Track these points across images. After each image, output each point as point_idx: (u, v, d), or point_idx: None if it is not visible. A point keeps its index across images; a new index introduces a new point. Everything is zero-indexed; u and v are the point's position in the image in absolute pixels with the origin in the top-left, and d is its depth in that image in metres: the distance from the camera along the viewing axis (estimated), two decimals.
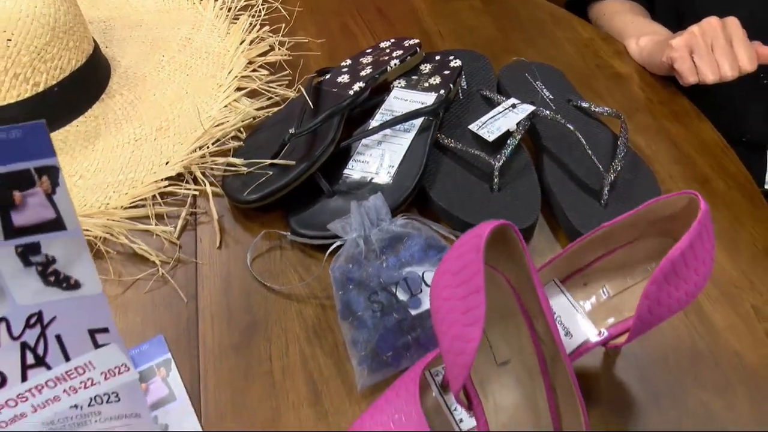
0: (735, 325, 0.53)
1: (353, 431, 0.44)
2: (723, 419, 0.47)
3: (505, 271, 0.42)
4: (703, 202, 0.40)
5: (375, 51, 0.72)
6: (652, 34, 0.75)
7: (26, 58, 0.64)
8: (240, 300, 0.55)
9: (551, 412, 0.41)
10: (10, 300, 0.38)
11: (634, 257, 0.46)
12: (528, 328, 0.42)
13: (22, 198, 0.35)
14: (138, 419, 0.43)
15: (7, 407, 0.40)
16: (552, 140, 0.64)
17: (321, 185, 0.60)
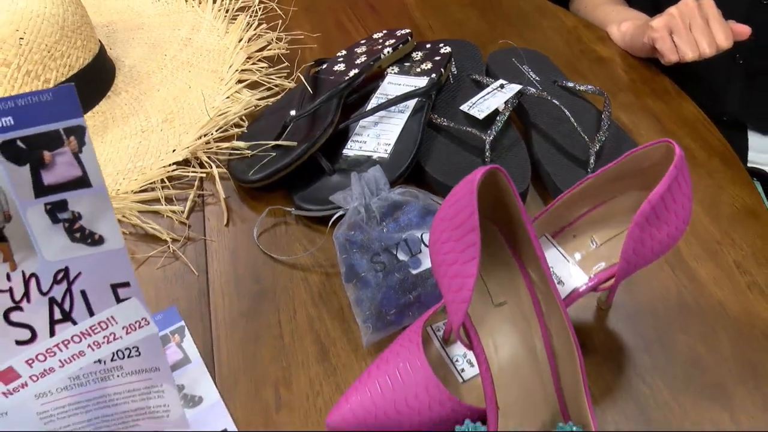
0: (718, 278, 0.56)
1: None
2: (707, 361, 0.50)
3: (498, 222, 0.45)
4: (678, 147, 0.43)
5: (368, 41, 0.76)
6: (632, 19, 0.79)
7: (37, 56, 0.67)
8: (248, 271, 0.57)
9: (547, 352, 0.44)
10: (39, 256, 0.40)
11: (619, 209, 0.49)
12: (522, 274, 0.45)
13: (52, 157, 0.38)
14: (157, 373, 0.45)
15: (37, 361, 0.43)
16: (539, 117, 0.67)
17: (322, 164, 0.63)
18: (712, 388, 0.49)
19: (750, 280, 0.56)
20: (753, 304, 0.54)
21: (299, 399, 0.49)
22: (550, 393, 0.43)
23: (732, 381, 0.49)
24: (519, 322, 0.44)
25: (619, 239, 0.49)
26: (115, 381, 0.45)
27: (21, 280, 0.41)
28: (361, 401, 0.45)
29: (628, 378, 0.50)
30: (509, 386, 0.43)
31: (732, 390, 0.49)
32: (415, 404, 0.44)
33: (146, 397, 0.46)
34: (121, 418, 0.46)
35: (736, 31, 0.70)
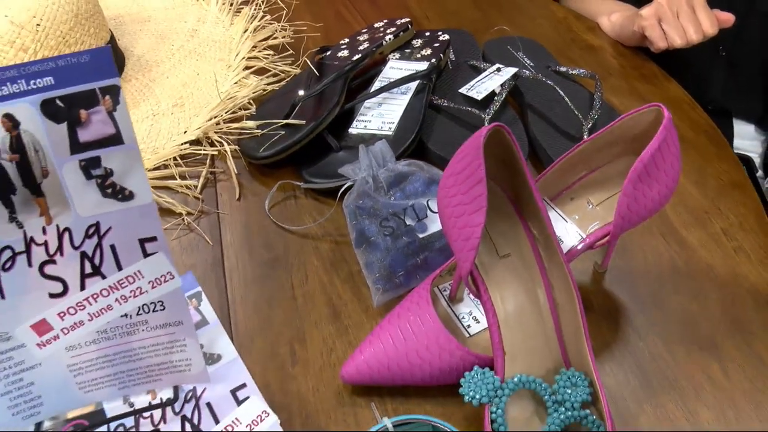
0: (707, 244, 0.59)
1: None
2: (698, 318, 0.53)
3: (501, 181, 0.48)
4: (666, 110, 0.47)
5: (370, 30, 0.79)
6: (621, 10, 0.83)
7: (53, 42, 0.70)
8: (261, 240, 0.60)
9: (549, 303, 0.47)
10: (73, 212, 0.43)
11: (613, 173, 0.52)
12: (524, 229, 0.48)
13: (88, 116, 0.41)
14: (181, 327, 0.47)
15: (68, 314, 0.45)
16: (535, 99, 0.71)
17: (329, 141, 0.66)
18: (703, 342, 0.52)
19: (736, 245, 0.59)
20: (739, 266, 0.57)
21: (314, 355, 0.51)
22: (552, 341, 0.46)
23: (721, 335, 0.52)
24: (522, 273, 0.47)
25: (614, 200, 0.52)
26: (140, 335, 0.47)
27: (55, 234, 0.43)
28: (375, 353, 0.48)
29: (624, 334, 0.53)
30: (514, 333, 0.45)
31: (721, 343, 0.52)
32: (426, 354, 0.47)
33: (169, 351, 0.48)
34: (145, 372, 0.49)
35: (721, 18, 0.73)
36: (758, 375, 0.50)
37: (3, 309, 0.43)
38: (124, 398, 0.49)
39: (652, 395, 0.49)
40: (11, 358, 0.45)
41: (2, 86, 0.39)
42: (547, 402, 0.44)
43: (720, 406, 0.48)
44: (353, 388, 0.49)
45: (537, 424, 0.44)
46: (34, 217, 0.42)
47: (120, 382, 0.49)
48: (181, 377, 0.49)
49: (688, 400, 0.48)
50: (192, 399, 0.49)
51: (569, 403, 0.43)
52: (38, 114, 0.40)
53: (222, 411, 0.48)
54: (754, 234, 0.60)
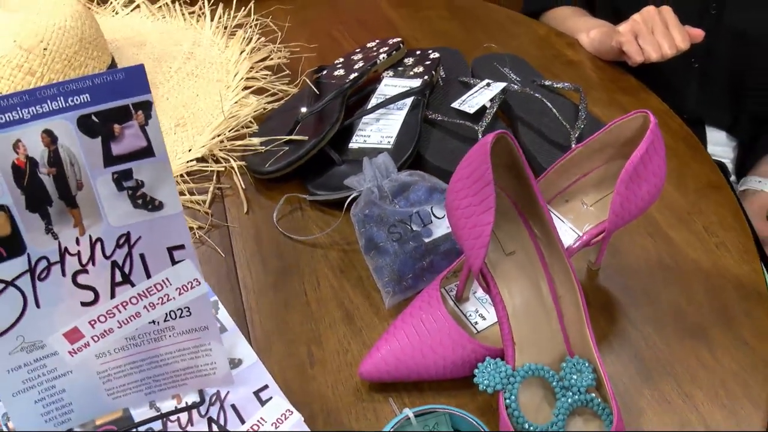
0: (691, 241, 0.63)
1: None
2: (687, 309, 0.57)
3: (504, 185, 0.52)
4: (653, 116, 0.51)
5: (363, 50, 0.83)
6: (599, 27, 0.88)
7: (59, 65, 0.72)
8: (271, 250, 0.62)
9: (552, 295, 0.50)
10: (105, 222, 0.45)
11: (605, 176, 0.56)
12: (526, 228, 0.51)
13: (121, 130, 0.43)
14: (206, 332, 0.49)
15: (98, 322, 0.47)
16: (523, 111, 0.75)
17: (331, 155, 0.69)
18: (693, 330, 0.56)
19: (718, 241, 0.63)
20: (722, 260, 0.61)
21: (331, 356, 0.54)
22: (556, 331, 0.49)
23: (709, 324, 0.56)
24: (527, 269, 0.50)
25: (607, 200, 0.56)
26: (166, 341, 0.49)
27: (88, 244, 0.45)
28: (391, 349, 0.50)
29: (621, 326, 0.56)
30: (522, 325, 0.48)
31: (710, 331, 0.56)
32: (439, 348, 0.50)
33: (195, 355, 0.50)
34: (171, 377, 0.51)
35: (692, 34, 0.79)
36: (745, 358, 0.53)
37: (38, 318, 0.45)
38: (150, 404, 0.51)
39: (650, 380, 0.52)
40: (44, 366, 0.47)
41: (43, 103, 0.41)
42: (555, 388, 0.47)
43: (712, 388, 0.52)
44: (371, 385, 0.51)
45: (547, 409, 0.47)
46: (69, 228, 0.44)
47: (147, 387, 0.50)
48: (206, 381, 0.51)
49: (683, 383, 0.52)
50: (217, 402, 0.51)
51: (576, 388, 0.47)
52: (75, 129, 0.42)
53: (247, 412, 0.50)
54: (733, 231, 0.64)
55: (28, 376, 0.46)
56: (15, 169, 0.42)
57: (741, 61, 0.86)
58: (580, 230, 0.55)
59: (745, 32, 0.83)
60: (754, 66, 0.86)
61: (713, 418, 0.50)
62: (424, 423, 0.47)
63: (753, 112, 0.90)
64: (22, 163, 0.42)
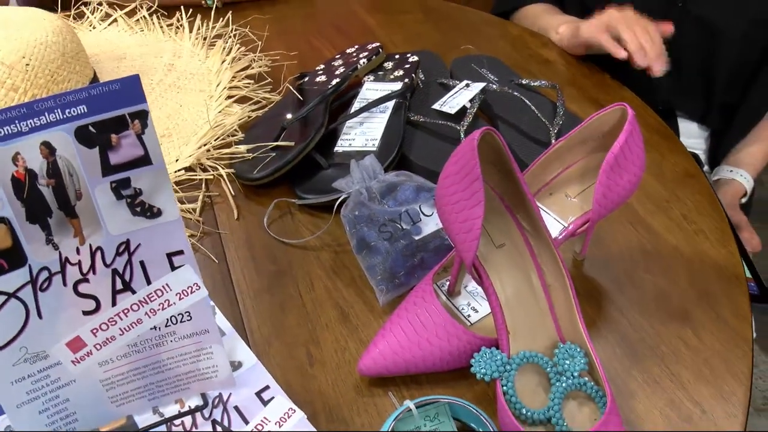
0: (670, 228, 0.66)
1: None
2: (670, 293, 0.60)
3: (490, 181, 0.53)
4: (630, 108, 0.53)
5: (343, 56, 0.84)
6: (567, 22, 0.90)
7: (42, 80, 0.72)
8: (264, 255, 0.63)
9: (542, 285, 0.52)
10: (104, 231, 0.46)
11: (586, 168, 0.58)
12: (513, 222, 0.53)
13: (118, 140, 0.44)
14: (207, 335, 0.50)
15: (100, 330, 0.47)
16: (503, 110, 0.77)
17: (318, 160, 0.70)
18: (676, 313, 0.58)
19: (696, 227, 0.66)
20: (700, 245, 0.64)
21: (329, 355, 0.55)
22: (547, 319, 0.51)
23: (691, 306, 0.58)
24: (517, 260, 0.52)
25: (589, 191, 0.58)
26: (168, 346, 0.50)
27: (88, 253, 0.46)
28: (389, 344, 0.52)
29: (607, 312, 0.58)
30: (515, 314, 0.50)
31: (692, 312, 0.58)
32: (435, 341, 0.51)
33: (196, 359, 0.51)
34: (174, 382, 0.51)
35: (661, 28, 0.81)
36: (726, 337, 0.56)
37: (40, 328, 0.46)
38: (153, 409, 0.51)
39: (638, 362, 0.54)
40: (48, 376, 0.47)
41: (41, 116, 0.42)
42: (550, 373, 0.49)
43: (697, 367, 0.54)
44: (370, 381, 0.53)
45: (542, 394, 0.49)
46: (69, 237, 0.45)
47: (150, 393, 0.51)
48: (208, 384, 0.52)
49: (669, 363, 0.54)
50: (219, 404, 0.52)
51: (569, 373, 0.48)
52: (73, 140, 0.43)
53: (250, 412, 0.51)
54: (709, 217, 0.67)
55: (32, 387, 0.47)
56: (15, 182, 0.42)
57: (709, 52, 0.90)
58: (565, 221, 0.57)
59: (711, 23, 0.86)
60: (722, 56, 0.89)
61: (700, 395, 0.52)
62: (425, 413, 0.49)
63: (723, 101, 0.93)
64: (21, 176, 0.43)
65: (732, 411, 0.51)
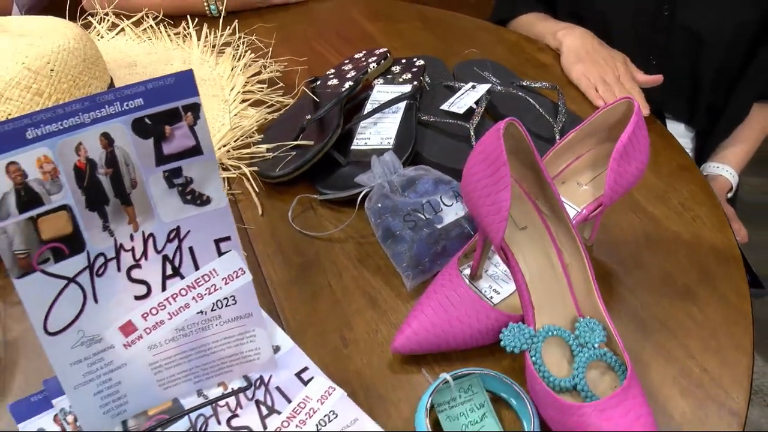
0: (670, 215, 0.70)
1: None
2: (674, 273, 0.64)
3: (510, 169, 0.57)
4: (636, 102, 0.57)
5: (352, 60, 0.88)
6: (563, 29, 0.95)
7: (65, 85, 0.74)
8: (291, 248, 0.66)
9: (561, 264, 0.55)
10: (157, 218, 0.48)
11: (596, 158, 0.62)
12: (533, 207, 0.57)
13: (171, 131, 0.47)
14: (251, 318, 0.53)
15: (150, 315, 0.50)
16: (508, 110, 0.81)
17: (336, 158, 0.73)
18: (681, 291, 0.62)
19: (694, 214, 0.70)
20: (699, 230, 0.68)
21: (362, 337, 0.58)
22: (567, 296, 0.55)
23: (694, 284, 0.63)
24: (538, 241, 0.55)
25: (599, 179, 0.62)
26: (213, 330, 0.52)
27: (141, 239, 0.48)
28: (421, 324, 0.55)
29: (618, 292, 0.62)
30: (538, 290, 0.54)
31: (696, 291, 0.62)
32: (465, 319, 0.55)
33: (240, 342, 0.53)
34: (218, 365, 0.54)
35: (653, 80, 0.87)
36: (727, 311, 0.60)
37: (96, 312, 0.48)
38: (198, 392, 0.54)
39: (650, 336, 0.58)
40: (102, 359, 0.49)
41: (101, 108, 0.44)
42: (572, 345, 0.52)
43: (703, 339, 0.58)
44: (403, 359, 0.56)
45: (565, 365, 0.53)
46: (124, 225, 0.47)
47: (195, 376, 0.53)
48: (250, 366, 0.54)
49: (679, 336, 0.58)
50: (262, 385, 0.54)
51: (590, 344, 0.52)
52: (129, 132, 0.46)
53: (291, 392, 0.53)
54: (705, 205, 0.72)
55: (88, 370, 0.49)
56: (76, 171, 0.45)
57: (695, 57, 0.95)
58: (578, 207, 0.61)
59: (696, 30, 0.92)
60: (706, 61, 0.95)
61: (709, 364, 0.56)
62: (459, 385, 0.52)
63: (708, 104, 0.99)
64: (82, 165, 0.45)
65: (737, 378, 0.55)
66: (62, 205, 0.45)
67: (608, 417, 0.48)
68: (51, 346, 0.47)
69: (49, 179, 0.44)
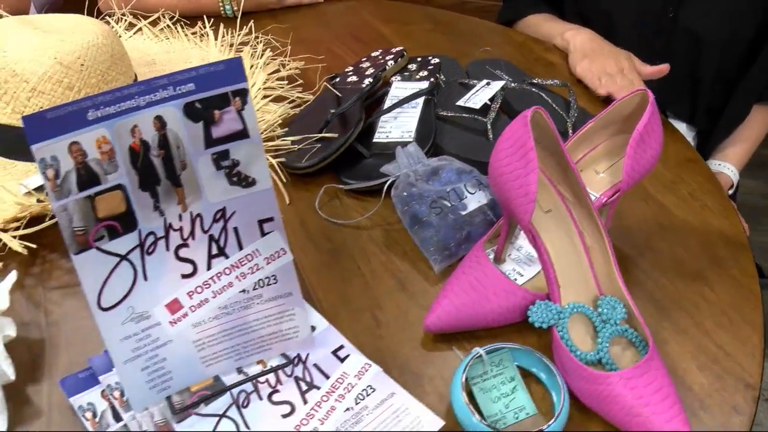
0: (679, 204, 0.74)
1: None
2: (685, 257, 0.67)
3: None
4: (651, 93, 0.61)
5: (370, 58, 0.91)
6: (569, 29, 0.99)
7: (94, 80, 0.76)
8: (319, 235, 0.69)
9: (582, 246, 0.58)
10: (204, 199, 0.50)
11: (611, 147, 0.66)
12: (555, 192, 0.59)
13: (220, 115, 0.49)
14: (290, 297, 0.55)
15: (196, 293, 0.52)
16: (521, 106, 0.84)
17: (360, 150, 0.76)
18: (693, 274, 0.65)
19: (702, 203, 0.74)
20: (707, 218, 0.72)
21: (393, 317, 0.60)
22: (588, 275, 0.58)
23: (705, 267, 0.66)
24: (562, 224, 0.58)
25: (616, 167, 0.65)
26: (255, 308, 0.54)
27: (189, 219, 0.50)
28: (452, 303, 0.57)
29: (633, 274, 0.65)
30: (563, 270, 0.57)
31: (706, 273, 0.65)
32: (493, 298, 0.57)
33: (279, 321, 0.55)
34: (258, 343, 0.56)
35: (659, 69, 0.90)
36: (737, 291, 0.63)
37: (145, 290, 0.50)
38: (237, 370, 0.56)
39: (666, 315, 0.61)
40: (149, 336, 0.51)
41: (156, 92, 0.47)
42: (595, 322, 0.55)
43: (716, 317, 0.61)
44: (434, 337, 0.58)
45: (589, 341, 0.55)
46: (173, 205, 0.50)
47: (236, 353, 0.55)
48: (289, 344, 0.56)
49: (693, 315, 0.61)
50: (299, 363, 0.56)
51: (612, 321, 0.55)
52: (181, 115, 0.48)
53: (329, 369, 0.55)
54: (712, 194, 0.75)
55: (136, 345, 0.51)
56: (131, 152, 0.47)
57: (696, 59, 0.99)
58: (597, 193, 0.64)
59: (697, 33, 0.96)
60: (707, 62, 0.99)
61: (722, 340, 0.59)
62: (490, 360, 0.54)
63: (708, 104, 1.03)
64: (137, 147, 0.47)
65: (750, 352, 0.58)
66: (117, 184, 0.47)
67: (633, 386, 0.50)
68: (104, 322, 0.49)
69: (106, 159, 0.46)
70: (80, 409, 0.53)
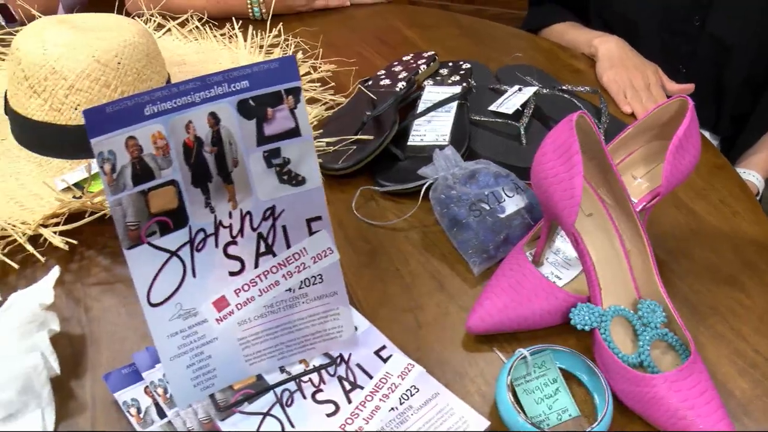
0: (711, 211, 0.74)
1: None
2: (719, 263, 0.67)
3: None
4: (690, 100, 0.61)
5: (401, 62, 0.91)
6: (596, 37, 0.99)
7: (130, 78, 0.77)
8: (357, 236, 0.69)
9: (622, 249, 0.59)
10: (254, 196, 0.51)
11: (649, 153, 0.66)
12: (596, 196, 0.60)
13: (273, 113, 0.49)
14: (335, 297, 0.55)
15: (242, 291, 0.52)
16: (552, 111, 0.85)
17: (395, 152, 0.76)
18: (727, 279, 0.65)
19: (732, 209, 0.74)
20: (739, 225, 0.72)
21: (433, 318, 0.60)
22: (627, 279, 0.58)
23: (738, 273, 0.66)
24: (603, 227, 0.59)
25: (654, 172, 0.65)
26: (300, 307, 0.55)
27: (239, 217, 0.51)
28: (494, 304, 0.58)
29: (668, 279, 0.65)
30: (603, 273, 0.57)
31: (740, 279, 0.65)
32: (535, 299, 0.58)
33: (323, 320, 0.56)
34: (301, 342, 0.56)
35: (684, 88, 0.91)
36: None
37: (193, 286, 0.50)
38: (280, 369, 0.56)
39: (702, 320, 0.61)
40: (196, 332, 0.51)
41: (211, 89, 0.47)
42: (636, 325, 0.55)
43: (753, 323, 0.61)
44: (475, 338, 0.58)
45: (629, 344, 0.56)
46: (224, 202, 0.50)
47: (279, 352, 0.55)
48: (332, 344, 0.56)
49: (729, 320, 0.61)
50: (342, 363, 0.56)
51: (653, 324, 0.55)
52: (234, 112, 0.48)
53: (372, 369, 0.55)
54: (742, 201, 0.75)
55: (183, 342, 0.51)
56: (185, 148, 0.48)
57: (721, 66, 1.00)
58: (634, 199, 0.64)
59: (724, 40, 0.97)
60: (733, 70, 0.99)
61: (760, 345, 0.59)
62: (533, 361, 0.54)
63: (733, 111, 1.03)
64: (190, 143, 0.48)
65: None
66: (171, 180, 0.48)
67: (677, 389, 0.51)
68: (152, 317, 0.49)
69: (161, 155, 0.47)
70: (125, 404, 0.53)
